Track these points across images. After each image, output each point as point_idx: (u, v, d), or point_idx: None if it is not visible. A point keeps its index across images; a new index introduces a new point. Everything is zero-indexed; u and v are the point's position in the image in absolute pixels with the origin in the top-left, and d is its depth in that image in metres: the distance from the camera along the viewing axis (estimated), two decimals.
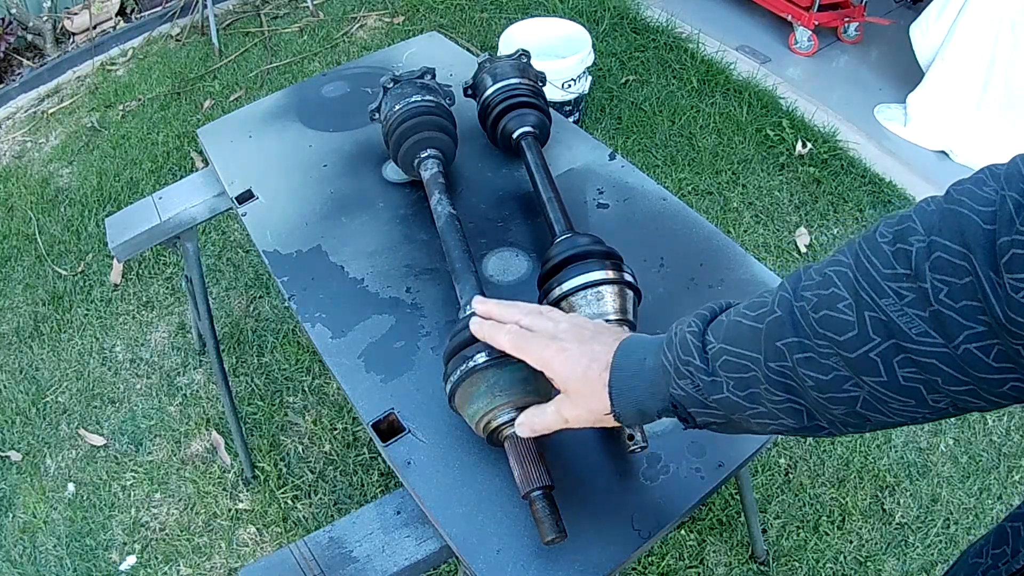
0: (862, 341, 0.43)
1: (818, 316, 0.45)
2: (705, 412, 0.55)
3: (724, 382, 0.52)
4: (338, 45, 2.89)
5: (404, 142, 1.03)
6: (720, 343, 0.52)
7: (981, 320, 0.39)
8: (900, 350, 0.42)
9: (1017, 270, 0.36)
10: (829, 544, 1.54)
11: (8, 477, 1.76)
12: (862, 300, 0.43)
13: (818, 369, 0.46)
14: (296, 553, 0.79)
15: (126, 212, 1.28)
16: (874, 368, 0.44)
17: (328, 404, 1.81)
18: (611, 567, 0.72)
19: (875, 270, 0.43)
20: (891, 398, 0.45)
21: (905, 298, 0.41)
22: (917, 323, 0.41)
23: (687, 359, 0.54)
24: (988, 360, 0.40)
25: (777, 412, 0.50)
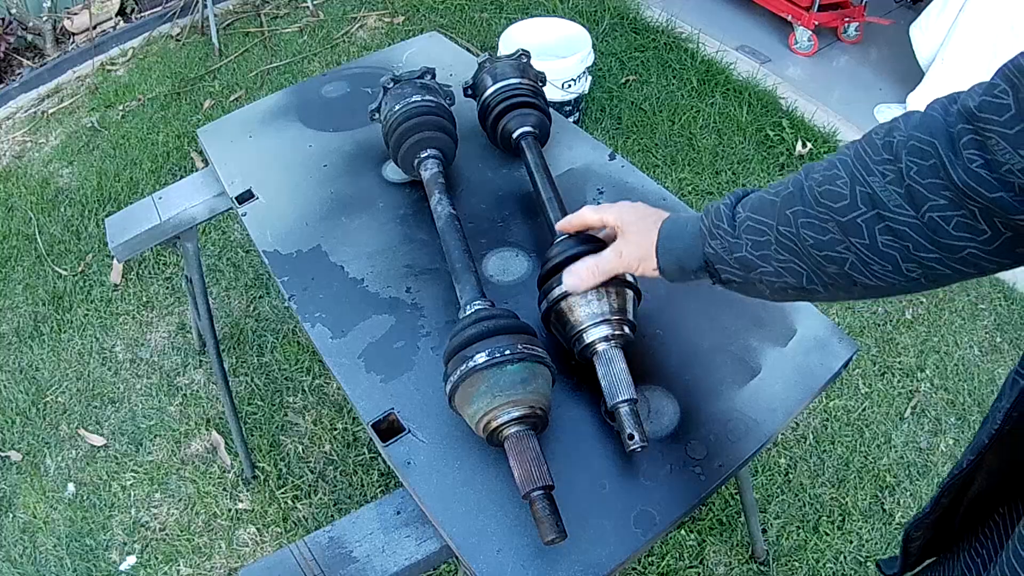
0: (852, 209, 0.56)
1: (820, 190, 0.58)
2: (728, 269, 0.68)
3: (744, 243, 0.65)
4: (338, 45, 2.89)
5: (404, 142, 1.03)
6: (746, 212, 0.65)
7: (943, 195, 0.51)
8: (881, 219, 0.55)
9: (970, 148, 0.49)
10: (829, 544, 1.54)
11: (8, 477, 1.75)
12: (855, 178, 0.56)
13: (817, 231, 0.59)
14: (296, 553, 0.79)
15: (126, 212, 1.28)
16: (860, 231, 0.56)
17: (328, 404, 1.81)
18: (611, 567, 0.72)
19: (867, 156, 0.55)
20: (873, 261, 0.57)
21: (887, 177, 0.54)
22: (895, 197, 0.54)
23: (719, 223, 0.67)
24: (949, 228, 0.52)
25: (782, 271, 0.63)
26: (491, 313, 0.81)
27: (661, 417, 0.84)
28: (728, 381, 0.87)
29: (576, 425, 0.83)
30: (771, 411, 0.84)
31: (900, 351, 1.84)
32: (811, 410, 1.74)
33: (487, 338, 0.76)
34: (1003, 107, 0.47)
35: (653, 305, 0.94)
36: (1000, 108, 0.47)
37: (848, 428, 1.71)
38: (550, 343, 0.88)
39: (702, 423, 0.83)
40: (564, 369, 0.87)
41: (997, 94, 0.48)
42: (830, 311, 1.90)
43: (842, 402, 1.75)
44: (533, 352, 0.76)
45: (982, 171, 0.49)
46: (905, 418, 1.73)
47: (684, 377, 0.87)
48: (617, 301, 0.81)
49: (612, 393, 0.77)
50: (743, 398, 0.85)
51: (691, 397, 0.85)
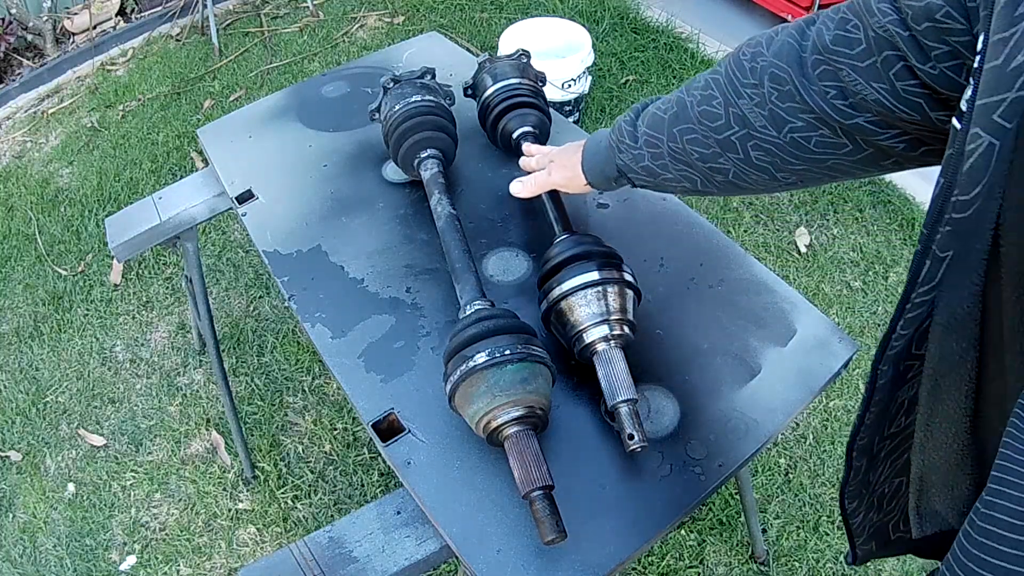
0: (726, 127, 0.62)
1: (700, 110, 0.65)
2: (638, 176, 0.77)
3: (646, 154, 0.73)
4: (338, 45, 2.89)
5: (404, 142, 1.03)
6: (643, 127, 0.73)
7: (801, 117, 0.56)
8: (751, 136, 0.61)
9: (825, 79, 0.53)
10: (829, 544, 1.54)
11: (8, 477, 1.76)
12: (728, 99, 0.62)
13: (701, 146, 0.66)
14: (296, 553, 0.79)
15: (126, 212, 1.28)
16: (734, 148, 0.63)
17: (328, 404, 1.81)
18: (611, 567, 0.72)
19: (736, 79, 0.61)
20: (750, 172, 0.64)
21: (753, 100, 0.59)
22: (760, 118, 0.59)
23: (623, 139, 0.76)
24: (810, 146, 0.57)
25: (680, 177, 0.72)
26: (491, 313, 0.81)
27: (661, 417, 0.84)
28: (728, 381, 0.87)
29: (576, 425, 0.83)
30: (771, 411, 0.84)
31: None
32: (811, 410, 1.74)
33: (487, 338, 0.76)
34: (854, 41, 0.50)
35: (653, 305, 0.94)
36: (851, 42, 0.50)
37: (848, 428, 1.71)
38: (550, 343, 0.88)
39: (702, 423, 0.83)
40: (564, 369, 0.87)
41: (849, 29, 0.51)
42: (830, 311, 1.91)
43: (842, 402, 1.75)
44: (533, 352, 0.76)
45: (837, 101, 0.53)
46: None
47: (684, 377, 0.87)
48: (617, 301, 0.81)
49: (612, 393, 0.77)
50: (743, 398, 0.85)
51: (691, 397, 0.85)
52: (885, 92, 0.50)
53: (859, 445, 0.56)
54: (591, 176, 0.84)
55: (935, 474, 0.55)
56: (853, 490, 0.60)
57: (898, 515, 0.63)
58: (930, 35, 0.46)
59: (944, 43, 0.45)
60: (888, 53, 0.49)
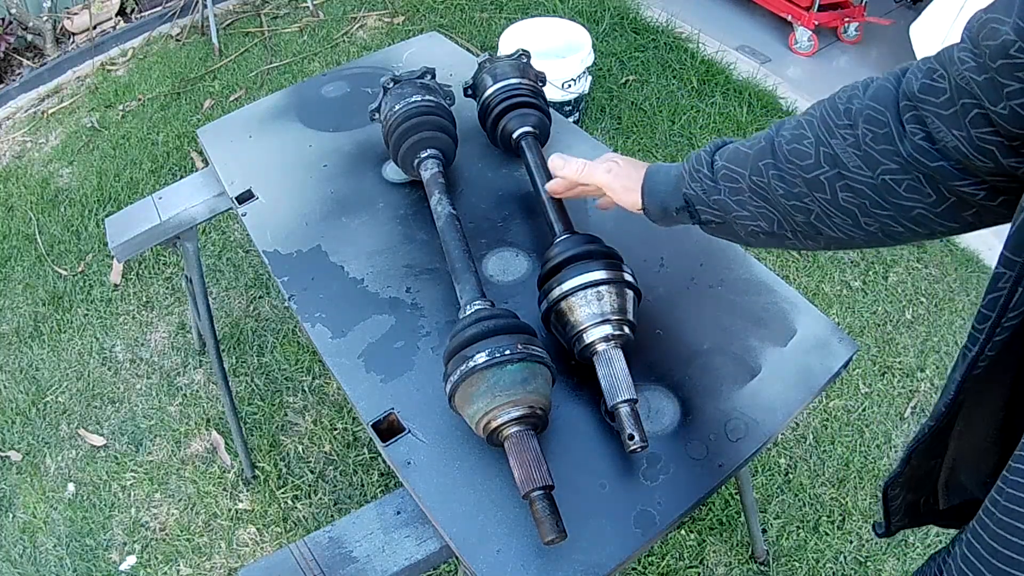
0: (816, 167, 0.63)
1: (789, 148, 0.65)
2: (707, 210, 0.74)
3: (722, 188, 0.72)
4: (338, 45, 2.89)
5: (404, 142, 1.03)
6: (723, 160, 0.72)
7: (895, 160, 0.57)
8: (841, 177, 0.61)
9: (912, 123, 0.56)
10: (829, 544, 1.54)
11: (8, 477, 1.76)
12: (820, 139, 0.62)
13: (786, 183, 0.65)
14: (296, 553, 0.79)
15: (126, 212, 1.28)
16: (823, 187, 0.63)
17: (328, 404, 1.81)
18: (611, 567, 0.72)
19: (830, 120, 0.62)
20: (834, 214, 0.64)
21: (847, 140, 0.60)
22: (854, 159, 0.60)
23: (699, 168, 0.74)
24: (900, 190, 0.58)
25: (756, 215, 0.70)
26: (491, 313, 0.81)
27: (661, 417, 0.84)
28: (728, 381, 0.87)
29: (576, 425, 0.83)
30: (771, 411, 0.84)
31: (900, 351, 1.84)
32: (811, 410, 1.74)
33: (487, 338, 0.76)
34: (939, 90, 0.53)
35: (653, 305, 0.94)
36: (937, 91, 0.53)
37: (848, 428, 1.71)
38: (550, 343, 0.88)
39: (702, 423, 0.83)
40: (564, 369, 0.87)
41: (935, 78, 0.53)
42: (830, 311, 1.90)
43: (842, 402, 1.75)
44: (533, 352, 0.76)
45: (924, 143, 0.55)
46: (905, 418, 1.73)
47: (684, 377, 0.87)
48: (617, 301, 0.81)
49: (612, 393, 0.77)
50: (743, 398, 0.85)
51: (691, 397, 0.85)
52: (963, 139, 0.52)
53: (920, 449, 0.58)
54: (649, 200, 0.80)
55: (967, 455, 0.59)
56: (901, 482, 0.63)
57: (928, 492, 0.66)
58: (1004, 72, 0.47)
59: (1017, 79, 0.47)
60: (966, 100, 0.51)
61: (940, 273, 2.00)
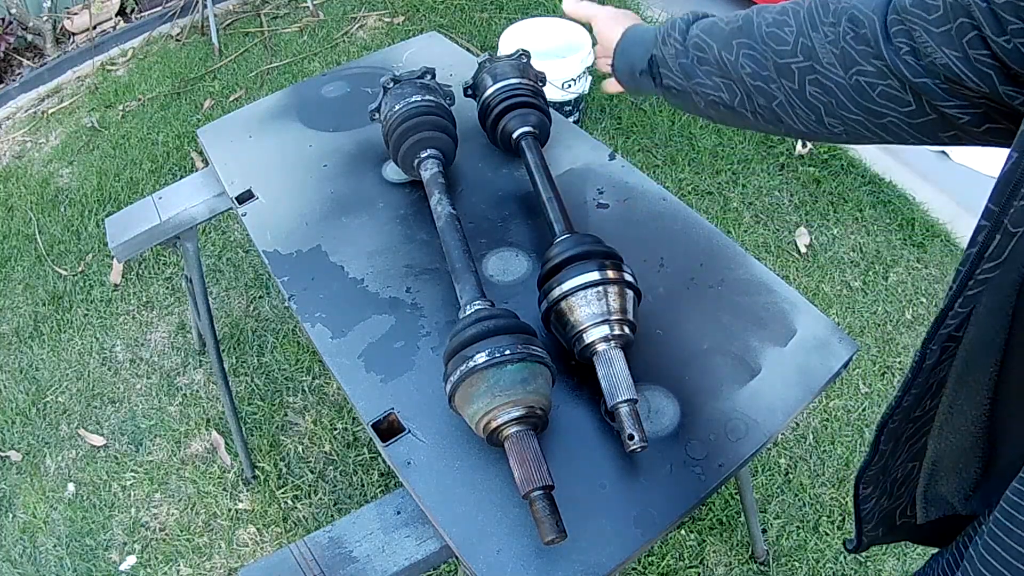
0: (791, 55, 0.62)
1: (768, 31, 0.64)
2: (670, 74, 0.75)
3: (691, 54, 0.72)
4: (338, 45, 2.89)
5: (404, 142, 1.03)
6: (697, 31, 0.72)
7: (873, 63, 0.56)
8: (813, 70, 0.60)
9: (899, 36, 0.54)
10: (829, 544, 1.54)
11: (8, 477, 1.76)
12: (802, 30, 0.61)
13: (754, 63, 0.65)
14: (296, 553, 0.79)
15: (126, 212, 1.28)
16: (791, 76, 0.62)
17: (328, 404, 1.81)
18: (611, 567, 0.72)
19: (817, 14, 0.60)
20: (798, 106, 0.63)
21: (828, 37, 0.59)
22: (829, 55, 0.59)
23: (672, 33, 0.75)
24: (873, 94, 0.57)
25: (718, 86, 0.70)
26: (491, 313, 0.81)
27: (661, 417, 0.84)
28: (728, 381, 0.87)
29: (576, 425, 0.83)
30: (771, 411, 0.84)
31: (900, 351, 1.84)
32: (811, 410, 1.74)
33: (487, 338, 0.76)
34: (932, 7, 0.51)
35: (653, 305, 0.94)
36: (928, 7, 0.51)
37: (848, 428, 1.71)
38: (550, 343, 0.88)
39: (702, 423, 0.83)
40: (564, 369, 0.87)
41: None
42: (830, 311, 1.91)
43: (842, 402, 1.75)
44: (533, 352, 0.76)
45: (909, 57, 0.53)
46: None
47: (684, 377, 0.87)
48: (617, 301, 0.81)
49: (612, 393, 0.77)
50: (743, 398, 0.85)
51: (691, 397, 0.85)
52: (956, 59, 0.50)
53: (890, 428, 0.56)
54: (618, 60, 0.83)
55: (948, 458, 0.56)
56: (872, 475, 0.61)
57: (907, 500, 0.64)
58: (1008, 9, 0.46)
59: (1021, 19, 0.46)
60: (963, 20, 0.49)
61: (940, 273, 2.00)
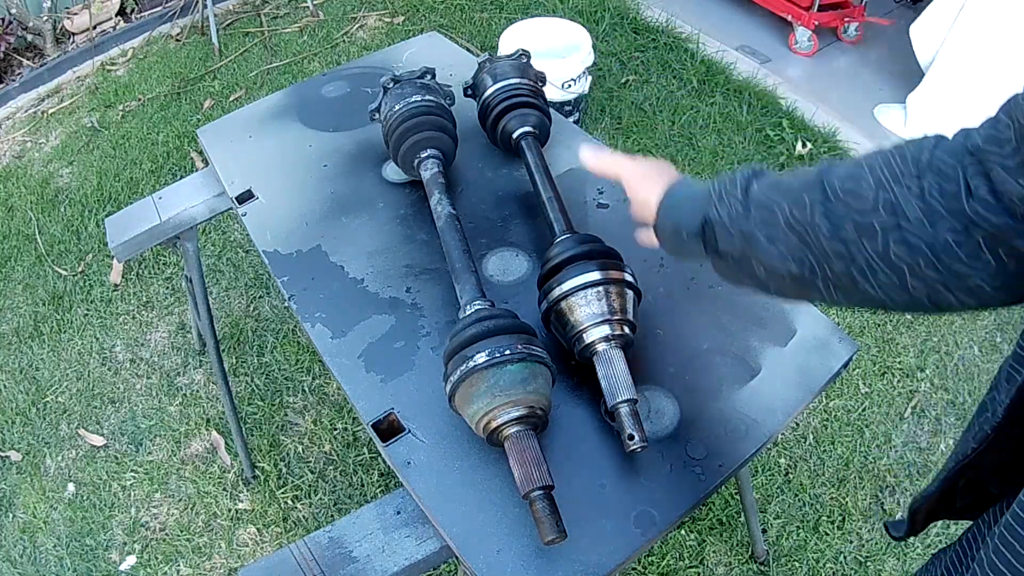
0: (872, 211, 0.56)
1: (843, 187, 0.58)
2: (728, 239, 0.66)
3: (753, 217, 0.63)
4: (338, 45, 2.89)
5: (404, 142, 1.03)
6: (760, 187, 0.64)
7: (959, 219, 0.52)
8: (899, 228, 0.55)
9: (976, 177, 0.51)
10: (829, 544, 1.54)
11: (8, 477, 1.75)
12: (882, 184, 0.56)
13: (832, 223, 0.58)
14: (296, 553, 0.79)
15: (126, 212, 1.28)
16: (875, 236, 0.56)
17: (328, 404, 1.80)
18: (611, 567, 0.72)
19: (896, 166, 0.56)
20: (880, 269, 0.57)
21: (911, 190, 0.55)
22: (915, 211, 0.54)
23: (732, 190, 0.66)
24: (960, 253, 0.53)
25: (787, 255, 0.62)
26: (491, 313, 0.81)
27: (661, 417, 0.84)
28: (728, 381, 0.87)
29: (576, 425, 0.83)
30: (771, 411, 0.84)
31: (900, 351, 1.84)
32: (811, 410, 1.74)
33: (487, 338, 0.76)
34: (1004, 140, 0.49)
35: (653, 305, 0.94)
36: (1001, 141, 0.50)
37: (848, 428, 1.71)
38: (550, 343, 0.88)
39: (702, 423, 0.83)
40: (564, 369, 0.87)
41: (1001, 128, 0.50)
42: (830, 311, 1.90)
43: (842, 402, 1.75)
44: (533, 352, 0.76)
45: (988, 197, 0.51)
46: (905, 418, 1.73)
47: (684, 377, 0.87)
48: (617, 301, 0.81)
49: (612, 393, 0.77)
50: (743, 398, 0.85)
51: (691, 397, 0.85)
52: None
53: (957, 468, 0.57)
54: (662, 220, 0.73)
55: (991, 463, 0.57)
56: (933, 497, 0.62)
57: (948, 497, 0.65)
58: None
59: None
60: None
61: None
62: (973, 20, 2.16)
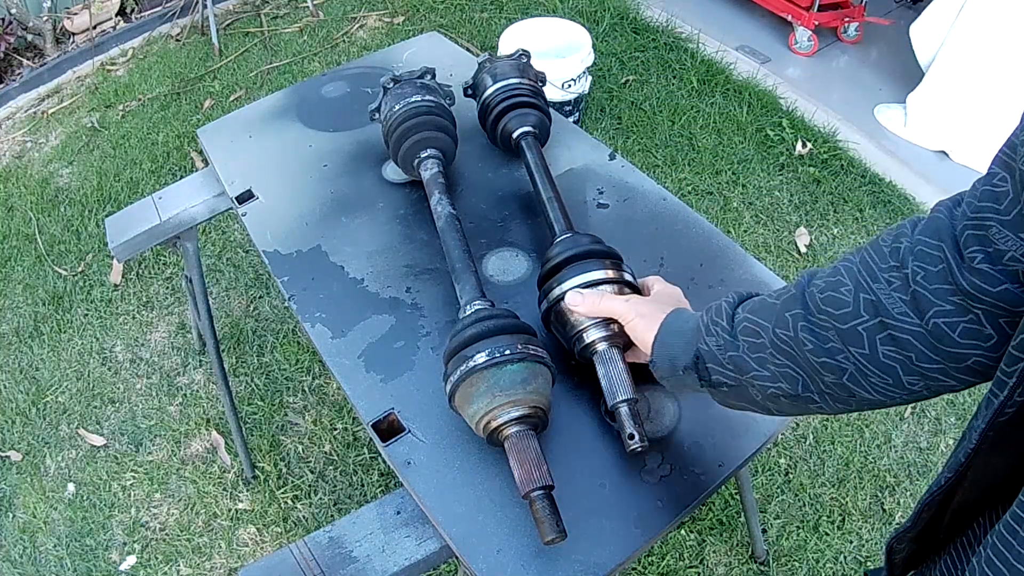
0: (854, 316, 0.54)
1: (823, 296, 0.57)
2: (720, 369, 0.65)
3: (741, 343, 0.63)
4: (338, 45, 2.89)
5: (404, 142, 1.03)
6: (745, 313, 0.64)
7: (951, 300, 0.49)
8: (883, 327, 0.53)
9: (971, 244, 0.48)
10: (829, 544, 1.54)
11: (8, 477, 1.75)
12: (860, 285, 0.54)
13: (816, 337, 0.57)
14: (296, 553, 0.79)
15: (126, 212, 1.28)
16: (860, 341, 0.54)
17: (328, 404, 1.81)
18: (611, 567, 0.72)
19: (873, 263, 0.54)
20: (872, 373, 0.55)
21: (893, 284, 0.52)
22: (899, 304, 0.52)
23: (718, 320, 0.66)
24: (954, 335, 0.50)
25: (778, 375, 0.61)
26: (491, 313, 0.81)
27: (661, 417, 0.84)
28: None
29: (576, 425, 0.83)
30: None
31: None
32: None
33: (487, 338, 0.76)
34: (1001, 194, 0.47)
35: None
36: (998, 196, 0.47)
37: (848, 428, 1.71)
38: (550, 343, 0.88)
39: (702, 423, 0.83)
40: (564, 369, 0.87)
41: (996, 182, 0.47)
42: None
43: None
44: (533, 352, 0.76)
45: (984, 266, 0.48)
46: (905, 418, 1.73)
47: None
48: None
49: (612, 393, 0.77)
50: None
51: (691, 397, 0.85)
52: None
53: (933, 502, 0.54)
54: (659, 351, 0.72)
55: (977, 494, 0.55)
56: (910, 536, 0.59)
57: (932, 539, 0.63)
58: None
59: None
60: None
61: None
62: (973, 20, 2.16)
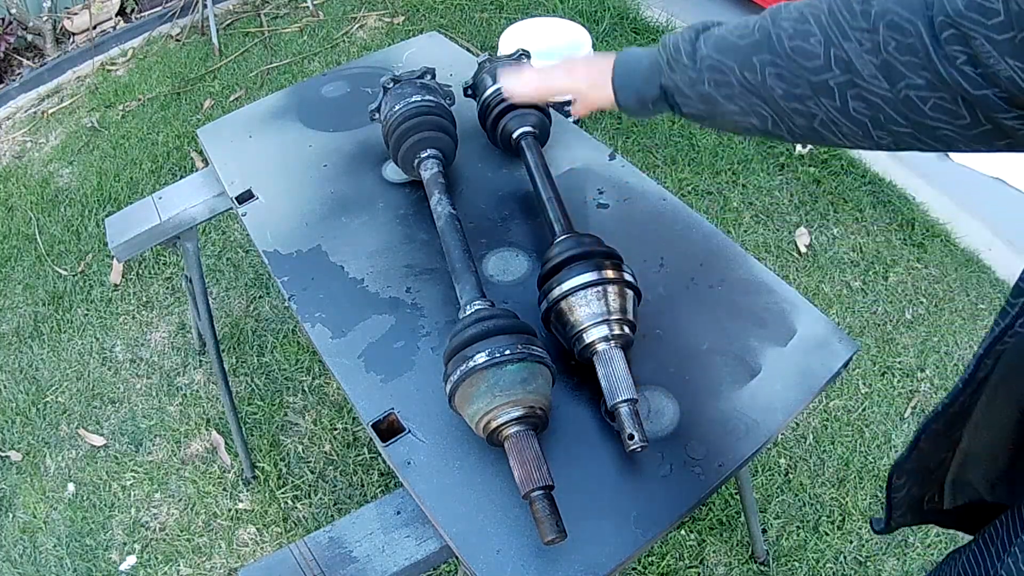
0: (825, 70, 0.54)
1: (791, 44, 0.56)
2: (689, 102, 0.66)
3: (706, 79, 0.63)
4: (338, 45, 2.89)
5: (404, 142, 1.03)
6: (708, 49, 0.63)
7: (922, 75, 0.49)
8: (854, 84, 0.53)
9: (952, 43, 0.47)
10: (829, 544, 1.54)
11: (8, 477, 1.75)
12: (830, 40, 0.53)
13: (786, 83, 0.57)
14: (296, 553, 0.79)
15: (126, 212, 1.28)
16: (831, 94, 0.54)
17: (328, 404, 1.80)
18: (611, 567, 0.72)
19: (843, 18, 0.53)
20: (842, 123, 0.55)
21: (864, 46, 0.52)
22: (870, 67, 0.52)
23: (678, 56, 0.65)
24: (925, 108, 0.50)
25: (748, 111, 0.61)
26: (491, 313, 0.81)
27: (661, 417, 0.84)
28: (728, 381, 0.87)
29: (576, 425, 0.83)
30: (771, 411, 0.84)
31: (900, 351, 1.84)
32: (811, 410, 1.74)
33: (487, 338, 0.76)
34: (991, 11, 0.45)
35: (653, 305, 0.94)
36: (988, 12, 0.46)
37: (848, 428, 1.71)
38: (550, 343, 0.88)
39: (702, 423, 0.83)
40: (564, 369, 0.87)
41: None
42: (830, 311, 1.90)
43: (842, 402, 1.75)
44: (533, 352, 0.76)
45: (966, 67, 0.47)
46: (905, 418, 1.73)
47: (684, 377, 0.87)
48: (617, 301, 0.81)
49: (612, 393, 0.77)
50: (743, 398, 0.85)
51: (691, 397, 0.85)
52: (1020, 71, 0.46)
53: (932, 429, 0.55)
54: (623, 94, 0.72)
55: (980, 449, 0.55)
56: (907, 468, 0.59)
57: (935, 488, 0.63)
58: None
59: None
60: None
61: (940, 273, 2.00)
62: None
